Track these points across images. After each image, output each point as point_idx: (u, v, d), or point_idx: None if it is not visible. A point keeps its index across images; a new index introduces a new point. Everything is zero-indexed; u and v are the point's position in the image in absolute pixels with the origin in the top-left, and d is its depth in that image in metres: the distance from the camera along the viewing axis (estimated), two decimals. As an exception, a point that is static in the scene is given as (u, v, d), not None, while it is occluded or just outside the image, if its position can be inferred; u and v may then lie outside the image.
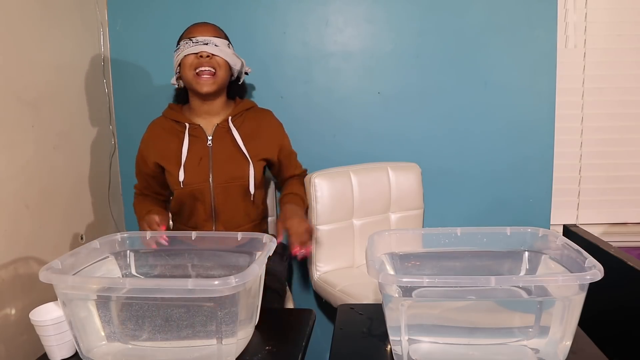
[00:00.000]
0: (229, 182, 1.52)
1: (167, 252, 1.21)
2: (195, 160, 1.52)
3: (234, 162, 1.53)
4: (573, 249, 0.99)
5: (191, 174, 1.51)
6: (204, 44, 1.47)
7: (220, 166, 1.52)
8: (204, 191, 1.51)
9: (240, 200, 1.55)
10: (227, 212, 1.54)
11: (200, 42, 1.47)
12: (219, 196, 1.52)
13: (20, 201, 1.40)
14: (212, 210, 1.53)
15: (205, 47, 1.47)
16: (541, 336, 0.93)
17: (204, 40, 1.48)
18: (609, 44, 1.92)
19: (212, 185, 1.51)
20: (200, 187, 1.51)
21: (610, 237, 1.92)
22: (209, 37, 1.49)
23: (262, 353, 1.01)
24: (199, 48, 1.47)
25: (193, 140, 1.53)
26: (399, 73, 1.92)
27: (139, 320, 0.96)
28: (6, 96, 1.35)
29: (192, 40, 1.48)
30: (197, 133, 1.54)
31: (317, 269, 1.71)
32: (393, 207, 1.79)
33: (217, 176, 1.51)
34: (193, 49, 1.47)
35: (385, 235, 1.14)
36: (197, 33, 1.49)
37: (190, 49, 1.47)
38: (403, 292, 0.90)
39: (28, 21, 1.46)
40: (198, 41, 1.47)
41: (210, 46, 1.47)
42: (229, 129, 1.55)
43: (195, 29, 1.51)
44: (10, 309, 1.33)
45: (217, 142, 1.54)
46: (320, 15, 1.90)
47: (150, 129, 1.62)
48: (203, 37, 1.48)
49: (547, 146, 1.92)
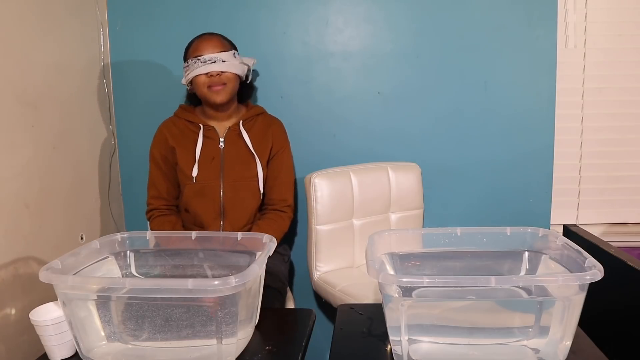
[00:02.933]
0: (238, 181, 1.59)
1: (167, 252, 1.21)
2: (207, 159, 1.59)
3: (244, 162, 1.60)
4: (573, 249, 0.99)
5: (203, 171, 1.58)
6: (211, 63, 1.53)
7: (231, 166, 1.59)
8: (215, 188, 1.58)
9: (248, 199, 1.60)
10: (235, 211, 1.59)
11: (208, 61, 1.52)
12: (228, 194, 1.58)
13: (20, 201, 1.40)
14: (220, 207, 1.58)
15: (214, 67, 1.53)
16: (541, 336, 0.93)
17: (211, 58, 1.53)
18: (609, 44, 1.92)
19: (222, 184, 1.58)
20: (211, 184, 1.58)
21: (610, 237, 1.92)
22: (216, 53, 1.54)
23: (262, 353, 1.01)
24: (207, 68, 1.52)
25: (206, 142, 1.60)
26: (399, 73, 1.91)
27: (139, 320, 0.96)
28: (6, 96, 1.35)
29: (200, 60, 1.53)
30: (211, 134, 1.61)
31: (317, 269, 1.71)
32: (393, 207, 1.79)
33: (228, 175, 1.58)
34: (202, 69, 1.53)
35: (385, 235, 1.14)
36: (204, 50, 1.54)
37: (200, 70, 1.53)
38: (403, 292, 0.90)
39: (28, 21, 1.46)
40: (206, 60, 1.53)
41: (218, 64, 1.53)
42: (239, 132, 1.62)
43: (201, 46, 1.55)
44: (10, 309, 1.33)
45: (229, 143, 1.61)
46: (320, 15, 1.90)
47: (164, 125, 1.66)
48: (210, 55, 1.53)
49: (547, 146, 1.92)
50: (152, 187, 1.65)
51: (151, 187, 1.65)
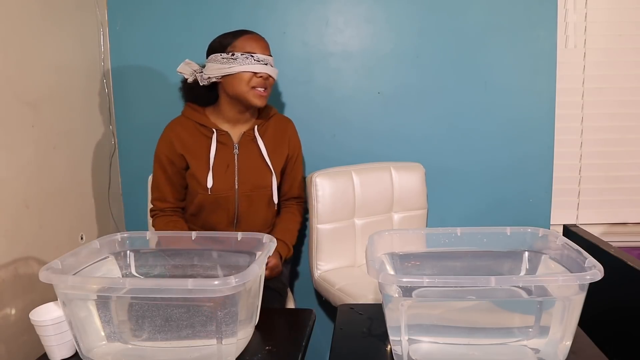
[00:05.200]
0: (253, 190, 1.55)
1: (167, 252, 1.21)
2: (222, 167, 1.52)
3: (258, 171, 1.55)
4: (573, 249, 0.99)
5: (219, 181, 1.51)
6: (264, 64, 1.46)
7: (246, 175, 1.54)
8: (229, 199, 1.53)
9: (263, 208, 1.58)
10: (249, 219, 1.57)
11: (261, 62, 1.45)
12: (243, 204, 1.55)
13: (21, 201, 1.40)
14: (235, 216, 1.56)
15: (267, 69, 1.46)
16: (541, 336, 0.93)
17: (265, 59, 1.46)
18: (609, 44, 1.92)
19: (237, 193, 1.53)
20: (226, 194, 1.52)
21: (610, 237, 1.92)
22: (268, 55, 1.48)
23: (262, 353, 1.01)
24: (261, 68, 1.45)
25: (220, 147, 1.53)
26: (399, 73, 1.91)
27: (139, 320, 0.96)
28: (6, 96, 1.35)
29: (253, 57, 1.45)
30: (224, 140, 1.54)
31: (317, 268, 1.71)
32: (396, 207, 1.79)
33: (243, 184, 1.54)
34: (255, 67, 1.44)
35: (385, 235, 1.14)
36: (258, 49, 1.47)
37: (252, 67, 1.44)
38: (403, 292, 0.90)
39: (28, 21, 1.46)
40: (259, 60, 1.45)
41: (269, 67, 1.47)
42: (254, 137, 1.56)
43: (254, 43, 1.47)
44: (10, 309, 1.33)
45: (243, 150, 1.55)
46: (320, 15, 1.90)
47: (171, 128, 1.56)
48: (264, 56, 1.46)
49: (547, 146, 1.92)
50: (156, 189, 1.57)
51: (155, 189, 1.58)
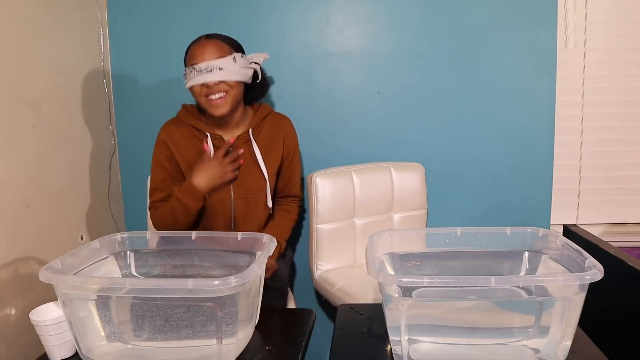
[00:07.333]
0: (248, 193, 1.55)
1: (167, 252, 1.21)
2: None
3: (253, 174, 1.55)
4: (573, 249, 0.99)
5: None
6: (207, 72, 1.40)
7: (241, 178, 1.54)
8: (225, 202, 1.53)
9: (260, 210, 1.58)
10: (246, 222, 1.57)
11: (203, 71, 1.40)
12: (239, 207, 1.55)
13: (21, 201, 1.40)
14: (232, 220, 1.56)
15: (209, 77, 1.40)
16: (541, 336, 0.93)
17: (207, 67, 1.40)
18: (609, 44, 1.92)
19: (232, 197, 1.53)
20: (221, 198, 1.52)
21: (610, 237, 1.92)
22: (212, 61, 1.41)
23: (262, 353, 1.01)
24: (203, 78, 1.40)
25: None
26: (399, 73, 1.91)
27: (139, 320, 0.96)
28: (6, 96, 1.35)
29: (195, 69, 1.41)
30: (218, 144, 1.52)
31: (317, 268, 1.71)
32: (396, 207, 1.79)
33: (238, 188, 1.53)
34: (197, 79, 1.41)
35: (385, 235, 1.14)
36: (199, 58, 1.42)
37: (195, 80, 1.41)
38: (403, 292, 0.90)
39: (28, 21, 1.46)
40: (201, 69, 1.40)
41: (215, 73, 1.40)
42: (249, 139, 1.55)
43: (197, 52, 1.43)
44: (10, 309, 1.33)
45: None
46: (320, 15, 1.90)
47: (167, 131, 1.55)
48: (205, 64, 1.40)
49: (547, 146, 1.92)
50: (156, 191, 1.54)
51: (154, 191, 1.54)
